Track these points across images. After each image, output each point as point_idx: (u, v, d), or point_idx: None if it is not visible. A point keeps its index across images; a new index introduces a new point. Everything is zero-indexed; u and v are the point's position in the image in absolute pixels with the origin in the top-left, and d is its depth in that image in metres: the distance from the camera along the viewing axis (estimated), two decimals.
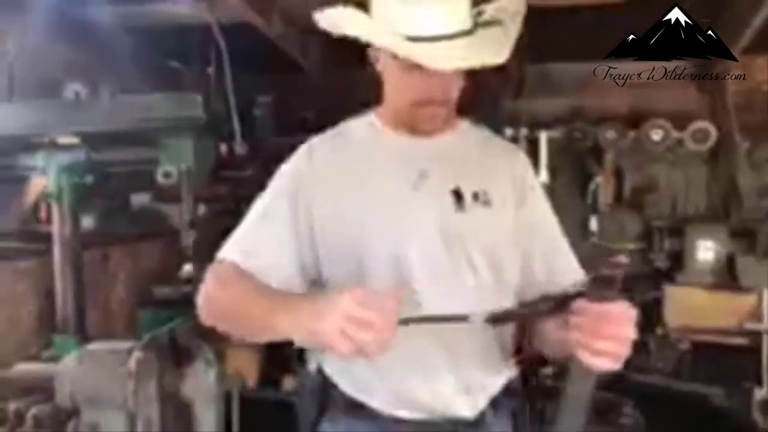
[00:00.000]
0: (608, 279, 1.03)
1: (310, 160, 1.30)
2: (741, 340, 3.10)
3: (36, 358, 2.19)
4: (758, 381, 2.79)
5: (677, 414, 2.77)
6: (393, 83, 1.25)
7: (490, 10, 1.23)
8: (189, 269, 2.25)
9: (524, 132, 3.61)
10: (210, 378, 1.98)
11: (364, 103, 1.38)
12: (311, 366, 1.34)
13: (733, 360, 3.01)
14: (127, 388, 1.88)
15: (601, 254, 1.03)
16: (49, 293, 2.29)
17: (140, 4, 2.59)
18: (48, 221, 2.32)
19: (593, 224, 3.64)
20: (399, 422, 1.24)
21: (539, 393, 2.79)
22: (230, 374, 2.06)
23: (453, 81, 1.20)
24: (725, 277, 3.26)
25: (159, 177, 2.14)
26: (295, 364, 2.37)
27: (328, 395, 1.30)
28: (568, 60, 3.47)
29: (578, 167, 3.70)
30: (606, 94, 3.49)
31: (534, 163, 3.46)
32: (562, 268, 1.30)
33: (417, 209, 1.23)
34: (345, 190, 1.25)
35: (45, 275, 2.30)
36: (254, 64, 2.70)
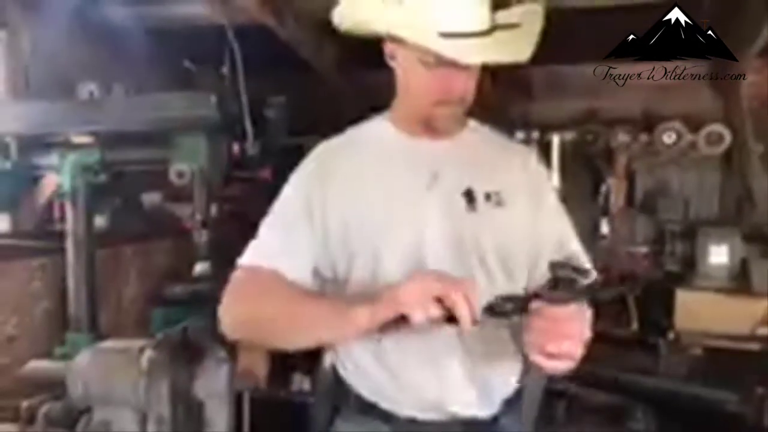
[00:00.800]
0: (568, 281, 1.04)
1: (323, 164, 1.31)
2: (754, 346, 3.08)
3: (48, 356, 2.20)
4: None
5: (689, 419, 2.74)
6: (414, 81, 1.24)
7: (503, 16, 1.23)
8: (201, 268, 2.25)
9: (536, 135, 3.61)
10: (221, 377, 1.98)
11: (374, 108, 1.39)
12: (325, 365, 1.34)
13: (746, 365, 2.98)
14: (139, 387, 1.88)
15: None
16: (62, 291, 2.30)
17: (154, 5, 2.61)
18: (62, 220, 2.34)
19: (604, 227, 3.63)
20: (412, 422, 1.24)
21: (550, 395, 2.78)
22: (242, 373, 2.06)
23: (473, 81, 1.21)
24: (738, 282, 3.24)
25: (172, 176, 2.14)
26: (307, 365, 2.38)
27: (342, 395, 1.30)
28: (581, 62, 3.46)
29: (590, 170, 3.69)
30: (618, 97, 3.48)
31: (546, 166, 3.48)
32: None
33: (430, 210, 1.23)
34: (358, 192, 1.26)
35: (58, 274, 2.31)
36: (268, 65, 2.71)
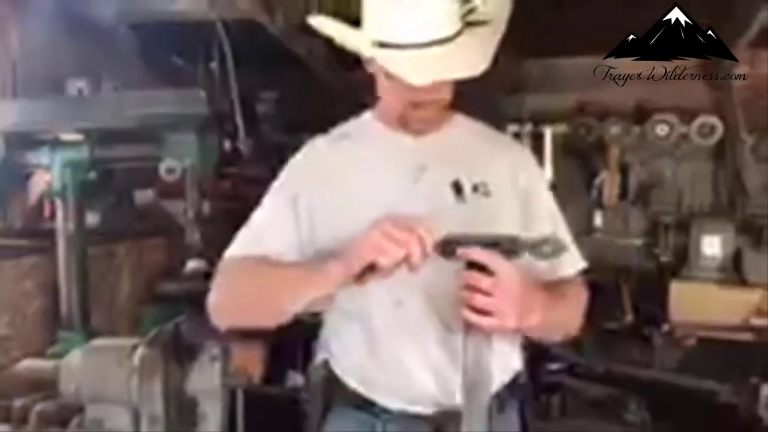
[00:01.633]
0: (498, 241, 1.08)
1: (311, 159, 1.33)
2: (748, 336, 3.09)
3: (41, 355, 2.19)
4: (765, 377, 2.77)
5: (683, 410, 2.76)
6: (383, 88, 1.27)
7: (482, 7, 1.22)
8: (193, 265, 2.24)
9: (529, 127, 3.61)
10: (215, 374, 1.98)
11: (365, 104, 1.39)
12: (317, 361, 1.34)
13: (740, 356, 2.99)
14: (132, 385, 1.87)
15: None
16: (55, 290, 2.29)
17: (143, 1, 2.59)
18: (52, 218, 2.33)
19: (598, 219, 3.64)
20: (404, 416, 1.24)
21: (545, 388, 2.79)
22: (235, 370, 2.05)
23: (441, 84, 1.19)
24: (731, 273, 3.25)
25: (162, 172, 2.13)
26: (301, 360, 2.38)
27: (334, 390, 1.30)
28: (573, 55, 3.45)
29: (583, 162, 3.69)
30: (611, 90, 3.47)
31: (539, 159, 3.46)
32: (565, 259, 1.29)
33: (418, 202, 1.23)
34: (345, 186, 1.26)
35: (50, 272, 2.30)
36: (258, 61, 2.70)
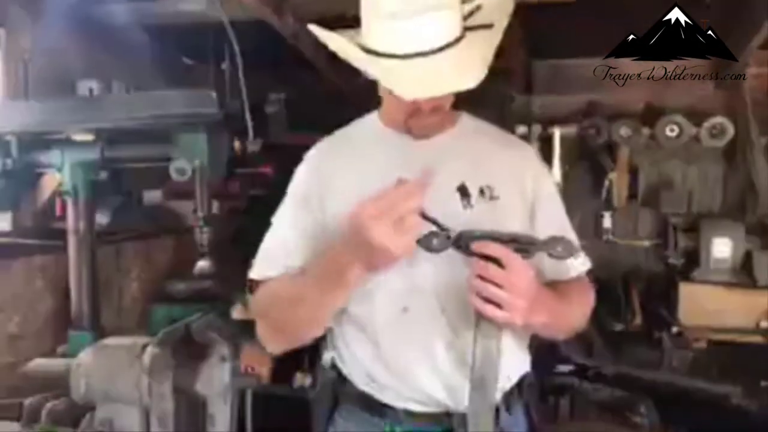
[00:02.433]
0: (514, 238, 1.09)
1: (320, 162, 1.33)
2: (758, 339, 3.07)
3: (51, 354, 2.21)
4: None
5: (693, 413, 2.74)
6: (384, 96, 1.28)
7: (485, 9, 1.21)
8: (202, 265, 2.25)
9: (538, 129, 3.60)
10: (224, 374, 1.99)
11: (372, 105, 1.39)
12: (325, 361, 1.34)
13: (750, 358, 2.98)
14: (142, 384, 1.89)
15: None
16: (65, 290, 2.31)
17: (155, 2, 2.60)
18: (63, 218, 2.34)
19: (607, 221, 3.62)
20: (410, 416, 1.24)
21: (554, 390, 2.77)
22: (244, 370, 2.06)
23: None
24: (742, 275, 3.23)
25: (172, 173, 2.14)
26: (309, 361, 2.37)
27: (341, 389, 1.30)
28: (582, 56, 3.44)
29: (592, 164, 3.68)
30: (620, 90, 3.46)
31: (547, 160, 3.48)
32: (570, 261, 1.28)
33: (425, 206, 1.23)
34: (353, 190, 1.25)
35: (60, 272, 2.32)
36: (268, 61, 2.71)
